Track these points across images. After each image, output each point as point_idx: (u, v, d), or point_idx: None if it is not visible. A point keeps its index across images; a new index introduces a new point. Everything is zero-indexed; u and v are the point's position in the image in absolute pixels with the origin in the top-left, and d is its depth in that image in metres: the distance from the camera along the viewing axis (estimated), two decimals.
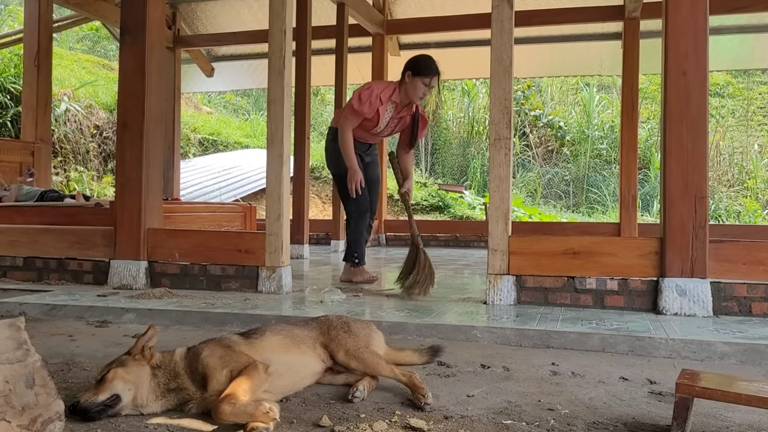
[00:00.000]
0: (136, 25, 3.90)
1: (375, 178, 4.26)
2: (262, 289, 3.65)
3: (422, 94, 3.90)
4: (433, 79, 3.86)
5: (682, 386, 1.51)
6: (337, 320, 2.01)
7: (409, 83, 3.86)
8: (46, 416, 1.33)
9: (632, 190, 6.80)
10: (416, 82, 3.85)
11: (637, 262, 3.14)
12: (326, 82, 8.15)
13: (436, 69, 3.86)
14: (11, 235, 4.21)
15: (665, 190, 3.11)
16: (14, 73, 8.81)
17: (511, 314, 3.00)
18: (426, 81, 3.85)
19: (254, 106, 14.98)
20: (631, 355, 2.44)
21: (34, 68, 6.32)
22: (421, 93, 3.88)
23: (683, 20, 3.10)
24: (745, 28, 7.10)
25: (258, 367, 1.64)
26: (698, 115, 3.07)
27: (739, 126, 12.73)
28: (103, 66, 12.96)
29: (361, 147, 4.11)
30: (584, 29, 7.50)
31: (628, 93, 6.82)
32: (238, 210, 6.21)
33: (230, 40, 8.20)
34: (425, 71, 3.84)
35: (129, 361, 1.65)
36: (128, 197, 3.89)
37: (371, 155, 4.26)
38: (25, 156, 6.31)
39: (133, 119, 3.89)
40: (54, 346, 2.46)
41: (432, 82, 3.87)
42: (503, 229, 3.27)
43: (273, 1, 3.65)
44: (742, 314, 3.00)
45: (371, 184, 4.20)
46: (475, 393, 1.88)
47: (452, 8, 7.44)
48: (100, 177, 9.71)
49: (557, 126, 13.10)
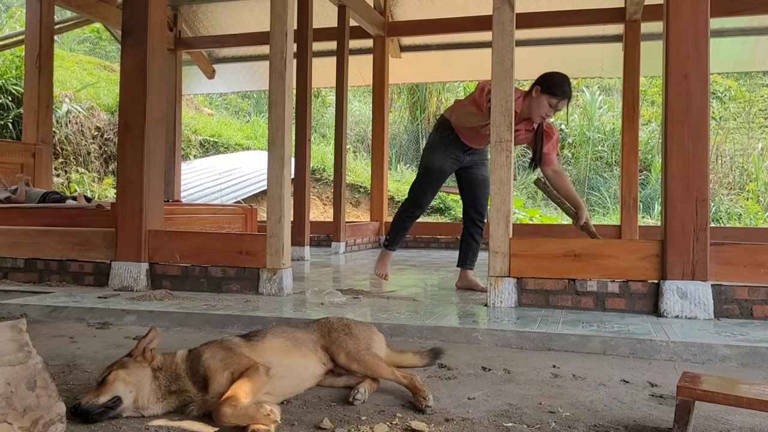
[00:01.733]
0: (137, 27, 3.91)
1: (480, 178, 3.92)
2: (262, 291, 3.65)
3: (545, 114, 3.58)
4: (562, 102, 3.55)
5: (684, 389, 1.51)
6: (338, 322, 2.01)
7: (535, 99, 3.56)
8: (48, 418, 1.33)
9: (633, 193, 6.79)
10: (543, 100, 3.53)
11: (638, 265, 3.14)
12: (327, 84, 8.16)
13: (569, 92, 3.56)
14: (12, 237, 4.21)
15: (666, 192, 3.11)
16: (15, 75, 8.82)
17: (512, 317, 3.00)
18: (554, 102, 3.53)
19: (255, 107, 14.98)
20: (632, 357, 2.44)
21: (36, 70, 6.33)
22: (544, 113, 3.57)
23: (684, 23, 3.11)
24: (746, 30, 7.10)
25: (259, 369, 1.64)
26: (699, 118, 3.07)
27: (740, 128, 12.73)
28: (105, 68, 12.97)
29: (463, 147, 3.85)
30: (585, 31, 7.50)
31: (629, 95, 6.81)
32: (238, 212, 6.21)
33: (231, 42, 8.21)
34: (556, 91, 3.53)
35: (130, 363, 1.65)
36: (129, 199, 3.89)
37: (477, 154, 3.92)
38: (27, 157, 6.32)
39: (135, 121, 3.89)
40: (55, 348, 2.46)
41: (560, 105, 3.56)
42: (504, 232, 3.27)
43: (274, 3, 3.66)
44: (744, 317, 3.00)
45: (475, 185, 3.94)
46: (476, 395, 1.88)
47: (453, 10, 7.45)
48: (101, 178, 9.72)
49: (558, 128, 13.11)
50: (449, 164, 3.87)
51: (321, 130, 14.00)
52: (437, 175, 3.89)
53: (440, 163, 3.85)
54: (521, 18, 3.97)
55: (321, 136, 13.79)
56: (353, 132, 13.74)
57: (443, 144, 3.86)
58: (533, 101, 3.58)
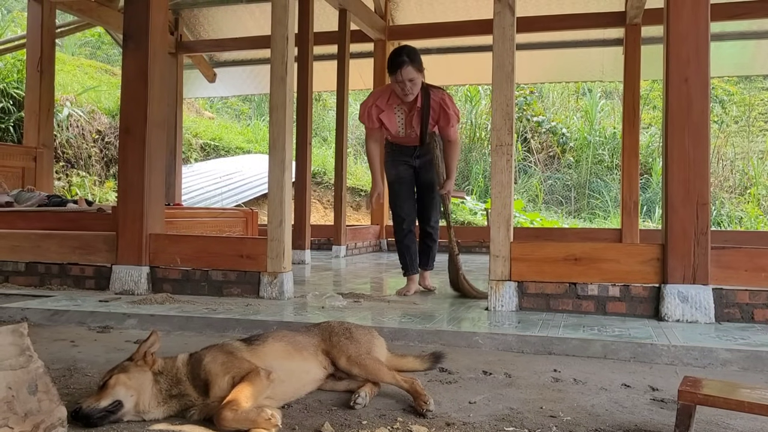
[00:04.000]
0: (139, 30, 3.92)
1: (426, 182, 3.97)
2: (263, 294, 3.65)
3: (403, 93, 3.67)
4: (399, 74, 3.61)
5: (685, 393, 1.51)
6: (339, 326, 2.01)
7: (392, 84, 3.74)
8: (49, 422, 1.33)
9: (634, 196, 6.79)
10: (392, 82, 3.70)
11: (638, 269, 3.14)
12: (328, 87, 8.18)
13: (398, 62, 3.61)
14: (13, 240, 4.21)
15: (667, 196, 3.11)
16: (17, 79, 8.84)
17: (512, 320, 3.00)
18: (396, 78, 3.64)
19: (256, 111, 14.99)
20: (633, 361, 2.43)
21: (37, 73, 6.35)
22: (401, 90, 3.67)
23: (684, 27, 3.11)
24: (746, 34, 7.10)
25: (260, 373, 1.65)
26: (700, 122, 3.08)
27: (740, 132, 12.73)
28: (106, 71, 12.99)
29: (406, 152, 3.94)
30: (585, 35, 7.51)
31: (629, 99, 6.82)
32: (239, 215, 6.21)
33: (232, 45, 8.22)
34: (390, 70, 3.67)
35: (131, 367, 1.65)
36: (130, 202, 3.89)
37: (422, 157, 3.95)
38: (28, 161, 6.33)
39: (136, 125, 3.90)
40: (56, 352, 2.46)
41: (402, 77, 3.61)
42: (505, 236, 3.27)
43: (275, 7, 3.67)
44: (744, 321, 3.00)
45: (420, 191, 4.02)
46: (476, 399, 1.88)
47: (454, 14, 7.46)
48: (102, 182, 9.72)
49: (559, 132, 13.11)
50: (403, 169, 3.99)
51: (322, 133, 14.00)
52: (398, 183, 4.01)
53: (394, 172, 4.01)
54: (522, 22, 3.97)
55: (322, 140, 13.79)
56: (354, 135, 13.74)
57: (389, 156, 4.04)
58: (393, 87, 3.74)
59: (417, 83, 3.69)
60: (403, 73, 3.63)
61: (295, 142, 5.77)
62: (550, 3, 7.11)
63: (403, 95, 3.71)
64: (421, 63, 3.72)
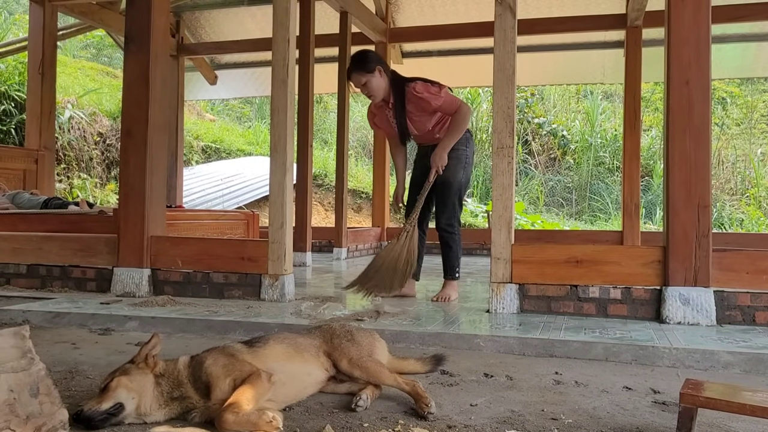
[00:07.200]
0: (140, 33, 3.92)
1: (441, 181, 3.78)
2: (264, 297, 3.65)
3: (367, 95, 3.75)
4: (351, 81, 3.74)
5: (687, 396, 1.51)
6: (341, 329, 2.01)
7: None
8: (51, 425, 1.33)
9: (635, 199, 6.79)
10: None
11: (640, 271, 3.14)
12: (329, 90, 8.19)
13: (347, 73, 3.75)
14: (15, 243, 4.22)
15: (668, 198, 3.11)
16: (19, 81, 8.85)
17: (514, 323, 2.99)
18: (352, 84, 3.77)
19: (257, 113, 15.01)
20: (635, 364, 2.43)
21: (39, 76, 6.36)
22: (364, 94, 3.76)
23: (686, 29, 3.11)
24: (748, 36, 7.11)
25: (261, 375, 1.64)
26: (701, 124, 3.08)
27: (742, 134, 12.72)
28: (107, 74, 13.02)
29: (421, 151, 3.94)
30: (586, 38, 7.51)
31: (630, 101, 6.82)
32: (240, 217, 6.21)
33: (234, 48, 8.23)
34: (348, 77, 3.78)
35: (132, 369, 1.65)
36: (131, 205, 3.90)
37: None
38: (29, 163, 6.34)
39: (137, 127, 3.90)
40: (57, 354, 2.46)
41: (354, 83, 3.73)
42: (506, 238, 3.27)
43: (276, 9, 3.67)
44: (746, 323, 2.99)
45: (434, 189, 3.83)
46: (478, 402, 1.87)
47: (455, 17, 7.47)
48: (103, 184, 9.73)
49: (560, 134, 13.11)
50: (419, 171, 3.91)
51: (323, 135, 14.01)
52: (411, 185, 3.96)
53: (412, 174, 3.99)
54: (523, 24, 3.97)
55: (323, 142, 13.80)
56: (355, 138, 13.76)
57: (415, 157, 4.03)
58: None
59: (372, 85, 3.67)
60: (352, 82, 3.75)
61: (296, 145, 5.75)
62: (551, 5, 7.11)
63: (370, 97, 3.76)
64: (369, 63, 3.67)
